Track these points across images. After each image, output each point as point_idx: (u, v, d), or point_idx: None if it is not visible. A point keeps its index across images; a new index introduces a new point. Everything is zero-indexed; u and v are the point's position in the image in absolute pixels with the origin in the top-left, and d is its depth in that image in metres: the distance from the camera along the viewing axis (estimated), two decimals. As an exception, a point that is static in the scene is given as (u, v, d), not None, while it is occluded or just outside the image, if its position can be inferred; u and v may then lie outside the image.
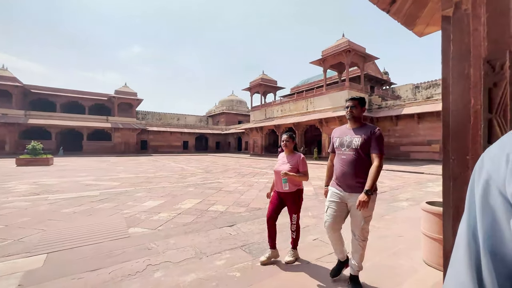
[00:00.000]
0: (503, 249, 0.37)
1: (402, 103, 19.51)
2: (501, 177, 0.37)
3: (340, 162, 2.00)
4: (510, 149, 0.37)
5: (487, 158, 0.41)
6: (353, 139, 1.95)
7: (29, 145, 14.62)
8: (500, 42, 0.84)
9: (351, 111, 1.99)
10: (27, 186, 7.09)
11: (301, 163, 2.49)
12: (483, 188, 0.40)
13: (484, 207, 0.39)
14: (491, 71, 0.84)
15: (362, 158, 1.91)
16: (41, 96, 30.42)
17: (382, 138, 1.93)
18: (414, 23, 2.55)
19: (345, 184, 1.97)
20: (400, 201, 5.49)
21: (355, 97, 2.01)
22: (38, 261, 2.44)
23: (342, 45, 20.55)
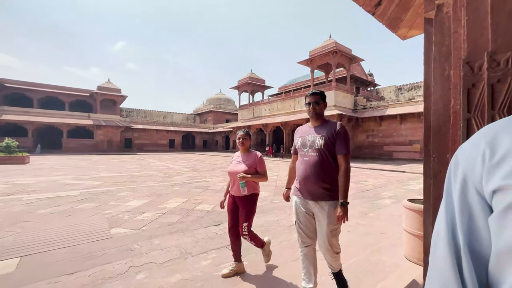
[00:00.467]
0: (481, 247, 0.37)
1: (386, 104, 20.14)
2: (477, 175, 0.38)
3: (302, 164, 1.75)
4: (486, 145, 0.37)
5: (461, 156, 0.41)
6: (316, 138, 1.71)
7: (2, 143, 13.78)
8: (479, 44, 0.87)
9: (313, 108, 1.75)
10: (0, 186, 6.68)
11: (259, 163, 2.24)
12: (461, 187, 0.40)
13: (462, 205, 0.39)
14: (470, 72, 0.87)
15: (327, 160, 1.68)
16: (17, 91, 28.73)
17: (348, 136, 1.71)
18: (397, 26, 2.62)
19: (307, 190, 1.71)
20: (383, 198, 5.66)
21: (315, 92, 1.77)
22: (10, 265, 2.29)
23: (329, 46, 20.89)
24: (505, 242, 0.32)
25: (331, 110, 19.73)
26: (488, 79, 0.81)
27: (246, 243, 2.35)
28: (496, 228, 0.34)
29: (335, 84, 20.63)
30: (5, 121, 25.14)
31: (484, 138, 0.38)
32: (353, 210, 4.51)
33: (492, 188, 0.35)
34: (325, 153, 1.67)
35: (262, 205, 4.81)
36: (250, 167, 2.21)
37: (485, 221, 0.37)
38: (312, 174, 1.68)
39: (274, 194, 6.00)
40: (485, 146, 0.37)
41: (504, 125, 0.37)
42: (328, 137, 1.68)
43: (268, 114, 27.37)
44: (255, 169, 2.22)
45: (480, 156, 0.37)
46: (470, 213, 0.38)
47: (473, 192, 0.38)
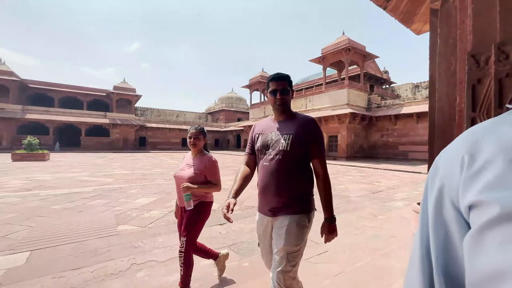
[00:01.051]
0: (456, 269, 0.31)
1: (402, 102, 19.44)
2: (455, 185, 0.31)
3: (263, 171, 1.34)
4: (466, 150, 0.31)
5: (440, 163, 0.35)
6: (281, 137, 1.31)
7: (25, 140, 14.52)
8: (486, 34, 0.78)
9: (281, 98, 1.34)
10: (20, 181, 7.03)
11: (210, 169, 1.86)
12: (436, 198, 0.34)
13: (437, 220, 0.33)
14: (476, 66, 0.78)
15: (294, 165, 1.30)
16: (39, 91, 30.21)
17: (322, 134, 1.39)
18: (411, 20, 2.48)
19: (267, 204, 1.33)
20: (395, 200, 5.45)
21: (282, 75, 1.36)
22: (21, 259, 2.39)
23: (342, 43, 20.41)
24: (478, 271, 0.26)
25: (343, 108, 19.31)
26: (496, 74, 0.73)
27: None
28: (469, 252, 0.28)
29: (348, 82, 20.14)
30: (28, 120, 26.50)
31: (466, 142, 0.32)
32: (363, 211, 4.37)
33: (467, 203, 0.29)
34: (290, 156, 1.29)
35: (268, 205, 4.76)
36: (198, 173, 1.84)
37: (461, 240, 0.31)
38: (273, 183, 1.28)
39: (282, 194, 5.93)
40: (465, 152, 0.31)
41: (489, 128, 0.31)
42: (296, 136, 1.30)
43: (279, 113, 27.17)
44: (204, 177, 1.86)
45: (459, 164, 0.31)
46: (446, 230, 0.32)
47: (449, 206, 0.32)
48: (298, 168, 1.31)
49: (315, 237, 3.09)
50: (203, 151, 1.99)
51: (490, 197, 0.26)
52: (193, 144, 1.90)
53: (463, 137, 0.34)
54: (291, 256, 1.25)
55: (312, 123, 1.36)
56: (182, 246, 1.79)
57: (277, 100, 1.35)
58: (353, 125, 19.59)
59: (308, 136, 1.31)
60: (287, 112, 1.40)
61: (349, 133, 19.36)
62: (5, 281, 2.00)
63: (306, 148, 1.31)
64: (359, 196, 5.82)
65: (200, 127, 1.98)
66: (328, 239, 1.35)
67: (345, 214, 4.14)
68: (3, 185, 6.36)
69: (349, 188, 6.96)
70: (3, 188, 5.96)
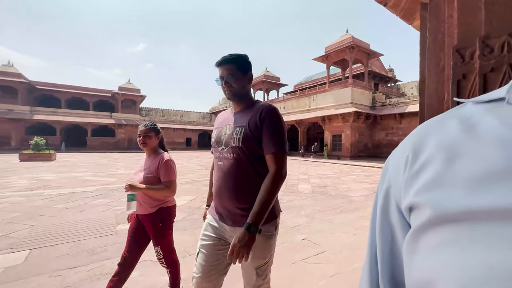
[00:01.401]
0: (403, 276, 0.29)
1: (407, 100, 19.18)
2: (399, 185, 0.29)
3: (216, 172, 1.18)
4: (411, 149, 0.29)
5: (390, 162, 0.33)
6: (234, 130, 1.13)
7: (32, 141, 14.79)
8: (471, 28, 0.75)
9: (229, 86, 1.13)
10: (26, 181, 7.16)
11: (163, 169, 1.65)
12: (383, 200, 0.32)
13: (383, 224, 0.31)
14: (461, 61, 0.75)
15: (248, 164, 1.09)
16: (46, 92, 30.74)
17: (281, 123, 1.12)
18: (413, 17, 2.43)
19: (223, 209, 1.14)
20: (398, 200, 5.37)
21: (226, 58, 1.13)
22: (20, 257, 2.42)
23: (345, 42, 20.23)
24: (412, 279, 0.24)
25: (347, 107, 19.14)
26: (481, 69, 0.70)
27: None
28: (405, 259, 0.26)
29: (352, 81, 19.96)
30: (36, 121, 27.00)
31: (412, 139, 0.30)
32: (364, 212, 4.32)
33: (407, 204, 0.27)
34: (245, 154, 1.09)
35: (268, 204, 4.74)
36: (150, 176, 1.64)
37: None
38: (228, 187, 1.10)
39: (283, 193, 5.91)
40: (409, 150, 0.29)
41: (435, 124, 0.29)
42: (249, 128, 1.09)
43: (282, 112, 27.10)
44: (157, 179, 1.65)
45: (403, 163, 0.29)
46: (392, 234, 0.30)
47: (394, 208, 0.30)
48: (257, 168, 1.10)
49: (313, 237, 3.08)
50: (157, 150, 1.78)
51: (424, 199, 0.24)
52: (142, 143, 1.70)
53: (412, 134, 0.32)
54: (260, 270, 1.12)
55: (267, 109, 1.11)
56: (159, 254, 1.68)
57: (224, 88, 1.14)
58: (357, 124, 19.41)
59: (261, 127, 1.09)
60: (244, 101, 1.19)
61: (353, 132, 19.18)
62: (3, 279, 2.03)
63: (260, 141, 1.10)
64: (361, 196, 5.75)
65: (152, 123, 1.76)
66: (234, 252, 0.94)
67: (345, 214, 4.10)
68: (10, 185, 6.49)
69: (352, 188, 6.89)
70: (9, 188, 6.08)
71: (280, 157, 1.07)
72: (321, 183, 7.73)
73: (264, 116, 1.09)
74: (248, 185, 1.09)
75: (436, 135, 0.27)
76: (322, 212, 4.19)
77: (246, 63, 1.17)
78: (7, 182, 6.96)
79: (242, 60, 1.16)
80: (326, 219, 3.76)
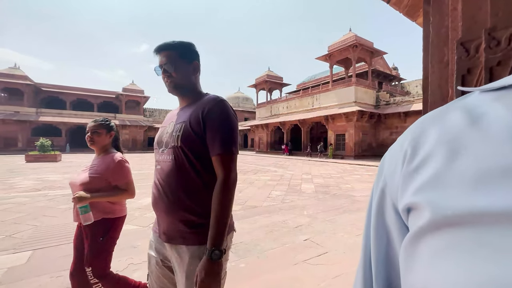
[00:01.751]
0: (398, 281, 0.27)
1: (411, 99, 18.96)
2: (395, 184, 0.26)
3: (154, 178, 0.99)
4: (409, 144, 0.26)
5: (386, 158, 0.30)
6: (175, 127, 0.95)
7: (38, 142, 14.98)
8: (476, 20, 0.72)
9: (166, 75, 0.96)
10: (31, 182, 7.24)
11: (115, 171, 1.44)
12: (378, 200, 0.29)
13: (378, 226, 0.29)
14: (465, 55, 0.72)
15: (189, 168, 0.90)
16: (51, 94, 31.15)
17: (230, 119, 0.93)
18: (416, 14, 2.38)
19: (159, 222, 0.96)
20: (403, 200, 5.30)
21: (166, 44, 0.96)
22: (23, 258, 2.43)
23: (348, 40, 20.09)
24: (409, 284, 0.22)
25: (351, 106, 19.00)
26: (486, 62, 0.66)
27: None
28: (402, 265, 0.23)
29: (356, 80, 19.81)
30: (42, 122, 27.37)
31: (412, 133, 0.27)
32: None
33: (404, 205, 0.24)
34: (185, 155, 0.90)
35: (271, 204, 4.72)
36: (96, 177, 1.41)
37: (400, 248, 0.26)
38: (164, 196, 0.91)
39: (286, 193, 5.88)
40: (408, 144, 0.26)
41: (437, 116, 0.26)
42: (190, 124, 0.91)
43: (285, 112, 27.04)
44: (106, 182, 1.43)
45: (401, 159, 0.27)
46: (387, 236, 0.28)
47: (390, 208, 0.27)
48: (200, 172, 0.90)
49: (315, 237, 3.05)
50: (108, 149, 1.55)
51: (423, 200, 0.21)
52: (90, 140, 1.47)
53: (411, 127, 0.29)
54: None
55: (213, 102, 0.93)
56: (91, 277, 1.39)
57: (164, 79, 0.99)
58: (361, 123, 19.25)
59: (205, 123, 0.90)
60: (190, 95, 1.01)
61: (357, 131, 19.04)
62: (5, 280, 2.04)
63: (204, 140, 0.91)
64: (365, 196, 5.68)
65: (103, 119, 1.55)
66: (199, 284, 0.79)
67: (348, 214, 4.05)
68: (15, 186, 6.57)
69: (355, 188, 6.82)
70: (15, 189, 6.15)
71: (227, 159, 0.88)
72: (324, 183, 7.67)
73: (208, 110, 0.90)
74: (188, 193, 0.89)
75: (438, 128, 0.24)
76: (325, 212, 4.15)
77: (191, 51, 0.99)
78: (13, 183, 7.05)
79: (186, 47, 0.98)
80: (329, 219, 3.72)
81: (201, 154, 0.90)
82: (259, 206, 4.62)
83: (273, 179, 8.17)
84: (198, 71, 1.03)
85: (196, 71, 1.02)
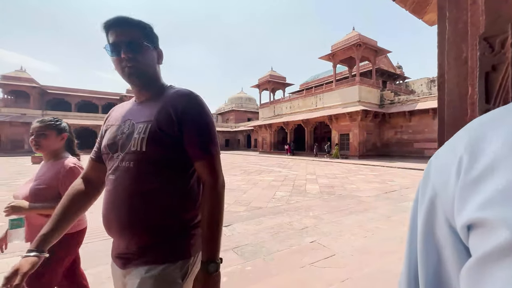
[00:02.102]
0: None
1: (416, 98, 18.75)
2: (449, 196, 0.23)
3: (106, 190, 0.80)
4: (465, 149, 0.22)
5: (434, 165, 0.27)
6: (136, 128, 0.78)
7: (44, 144, 15.15)
8: (501, 13, 0.67)
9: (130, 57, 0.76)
10: (37, 183, 7.31)
11: (65, 179, 1.20)
12: (427, 213, 0.25)
13: (427, 241, 0.25)
14: (489, 51, 0.68)
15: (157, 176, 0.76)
16: (57, 96, 31.57)
17: (209, 114, 0.82)
18: (423, 11, 2.33)
19: (114, 248, 0.80)
20: (410, 201, 5.21)
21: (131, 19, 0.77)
22: (29, 260, 2.43)
23: (352, 39, 19.95)
24: None
25: (355, 106, 18.86)
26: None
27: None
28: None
29: (359, 79, 19.65)
30: (47, 124, 27.73)
31: (465, 138, 0.24)
32: (374, 213, 4.20)
33: (465, 221, 0.20)
34: (150, 162, 0.75)
35: (276, 205, 4.68)
36: (42, 188, 1.19)
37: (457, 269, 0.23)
38: (119, 212, 0.74)
39: (290, 194, 5.83)
40: (464, 150, 0.23)
41: (497, 120, 0.22)
42: (158, 124, 0.75)
43: (289, 112, 26.95)
44: (53, 191, 1.20)
45: (455, 167, 0.23)
46: (438, 255, 0.24)
47: (443, 223, 0.24)
48: (165, 183, 0.75)
49: (322, 239, 3.00)
50: (60, 154, 1.31)
51: (496, 216, 0.18)
52: (35, 145, 1.25)
53: (463, 131, 0.25)
54: None
55: (187, 98, 0.79)
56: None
57: (122, 62, 0.75)
58: (365, 123, 19.09)
59: (180, 122, 0.75)
60: (153, 87, 0.84)
61: (361, 131, 18.88)
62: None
63: (178, 144, 0.76)
64: (371, 196, 5.61)
65: (52, 118, 1.31)
66: None
67: (355, 215, 3.99)
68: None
69: (361, 188, 6.74)
70: (21, 190, 6.20)
71: (213, 162, 0.78)
72: (329, 183, 7.60)
73: (184, 109, 0.77)
74: (151, 207, 0.73)
75: (501, 134, 0.21)
76: (331, 213, 4.09)
77: (155, 35, 0.83)
78: (18, 184, 7.12)
79: (151, 28, 0.81)
80: (335, 220, 3.66)
81: (171, 161, 0.76)
82: (263, 207, 4.58)
83: (277, 180, 8.13)
84: (162, 59, 0.88)
85: (161, 59, 0.87)
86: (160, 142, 0.75)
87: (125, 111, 0.87)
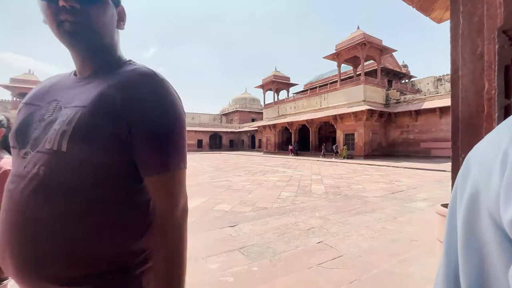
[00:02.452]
0: None
1: (423, 97, 18.51)
2: (493, 191, 0.21)
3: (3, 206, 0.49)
4: (509, 146, 0.21)
5: (474, 161, 0.25)
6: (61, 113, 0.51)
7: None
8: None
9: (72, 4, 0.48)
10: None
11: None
12: (467, 210, 0.24)
13: (469, 241, 0.23)
14: (509, 43, 0.65)
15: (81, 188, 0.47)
16: (64, 98, 32.07)
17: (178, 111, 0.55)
18: (431, 8, 2.29)
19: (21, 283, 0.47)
20: (417, 201, 5.13)
21: None
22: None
23: (357, 38, 19.80)
24: None
25: (360, 105, 18.70)
26: (536, 51, 0.60)
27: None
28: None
29: (364, 78, 19.49)
30: (55, 126, 28.19)
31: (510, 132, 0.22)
32: (381, 213, 4.14)
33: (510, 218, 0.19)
34: (71, 168, 0.48)
35: (281, 206, 4.66)
36: None
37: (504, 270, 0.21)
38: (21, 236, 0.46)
39: (296, 194, 5.80)
40: (508, 144, 0.21)
41: None
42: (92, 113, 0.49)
43: (293, 112, 26.87)
44: None
45: (499, 162, 0.21)
46: (482, 255, 0.22)
47: (487, 221, 0.22)
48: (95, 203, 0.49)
49: (329, 240, 2.97)
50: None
51: None
52: None
53: (505, 125, 0.23)
54: None
55: (145, 81, 0.53)
56: None
57: (62, 13, 0.49)
58: (371, 122, 18.91)
59: (128, 115, 0.50)
60: (101, 56, 0.58)
61: (366, 130, 18.71)
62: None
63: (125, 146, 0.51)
64: (377, 197, 5.54)
65: None
66: None
67: (362, 216, 3.94)
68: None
69: (367, 188, 6.67)
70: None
71: (174, 179, 0.53)
72: (334, 183, 7.54)
73: (137, 95, 0.51)
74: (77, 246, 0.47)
75: None
76: (337, 214, 4.05)
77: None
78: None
79: None
80: (342, 221, 3.62)
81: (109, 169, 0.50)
82: (269, 208, 4.56)
83: (282, 180, 8.10)
84: (124, 23, 0.62)
85: (122, 22, 0.62)
86: (89, 138, 0.48)
87: (52, 85, 0.60)
